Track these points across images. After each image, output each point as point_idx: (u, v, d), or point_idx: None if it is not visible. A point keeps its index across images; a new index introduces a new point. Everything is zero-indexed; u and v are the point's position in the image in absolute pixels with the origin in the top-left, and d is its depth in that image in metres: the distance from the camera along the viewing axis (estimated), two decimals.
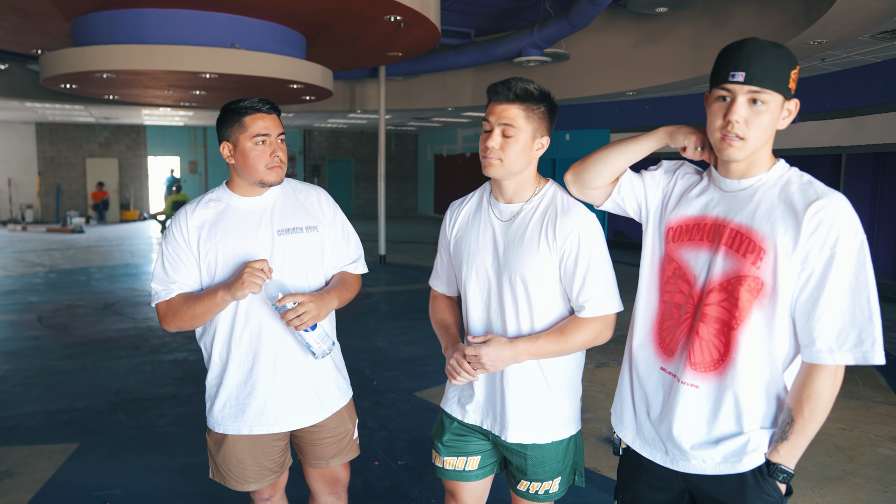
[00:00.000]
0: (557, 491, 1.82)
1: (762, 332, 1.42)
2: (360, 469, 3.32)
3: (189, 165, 20.26)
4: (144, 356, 5.35)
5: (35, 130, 18.19)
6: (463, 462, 1.87)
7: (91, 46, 6.85)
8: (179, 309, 1.87)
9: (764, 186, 1.45)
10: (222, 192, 1.96)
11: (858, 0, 5.25)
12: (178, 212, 1.94)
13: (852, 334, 1.34)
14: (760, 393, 1.44)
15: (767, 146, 1.45)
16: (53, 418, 4.02)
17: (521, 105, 1.67)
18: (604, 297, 1.69)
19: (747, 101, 1.38)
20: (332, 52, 8.79)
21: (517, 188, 1.76)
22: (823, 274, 1.35)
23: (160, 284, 1.91)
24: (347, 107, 13.86)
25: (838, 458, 3.51)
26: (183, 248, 1.90)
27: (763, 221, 1.41)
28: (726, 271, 1.44)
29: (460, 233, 1.86)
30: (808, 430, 1.39)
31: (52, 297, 7.88)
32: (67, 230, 15.92)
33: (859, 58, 7.87)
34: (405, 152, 22.62)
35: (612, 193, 1.67)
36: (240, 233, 1.88)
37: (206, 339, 1.99)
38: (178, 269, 1.90)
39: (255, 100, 1.87)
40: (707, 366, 1.47)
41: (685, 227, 1.54)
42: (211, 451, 2.03)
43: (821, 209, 1.35)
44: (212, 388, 2.00)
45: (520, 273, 1.70)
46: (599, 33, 10.22)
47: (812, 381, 1.38)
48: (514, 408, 1.76)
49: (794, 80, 1.41)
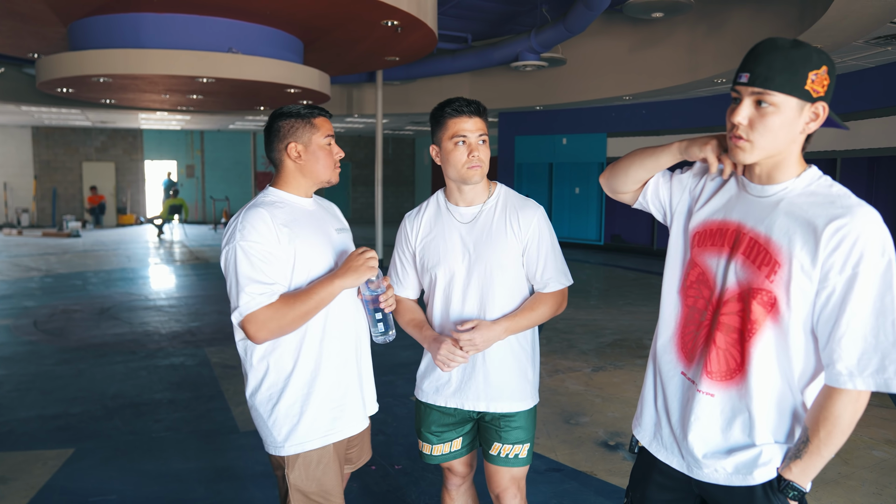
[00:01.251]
0: (525, 457, 2.07)
1: (776, 347, 1.38)
2: (357, 473, 3.32)
3: (186, 169, 20.25)
4: (140, 361, 5.34)
5: (31, 134, 18.17)
6: (448, 446, 2.11)
7: (88, 51, 6.85)
8: (288, 309, 1.72)
9: (790, 195, 1.39)
10: (279, 193, 1.92)
11: (852, 6, 5.28)
12: (253, 212, 1.79)
13: (875, 359, 1.28)
14: (773, 407, 1.41)
15: (793, 151, 1.38)
16: (48, 423, 4.00)
17: (482, 117, 1.95)
18: (562, 274, 2.00)
19: (753, 103, 1.34)
20: (329, 56, 8.80)
21: (479, 191, 2.00)
22: (845, 294, 1.28)
23: (259, 287, 1.71)
24: (345, 111, 13.87)
25: (833, 460, 3.51)
26: (275, 246, 1.76)
27: (782, 233, 1.36)
28: (741, 281, 1.41)
29: (426, 239, 2.05)
30: (824, 451, 1.34)
31: (47, 301, 7.87)
32: (63, 234, 15.90)
33: (854, 63, 7.91)
34: (402, 157, 22.65)
35: (639, 198, 1.69)
36: (313, 231, 1.89)
37: (285, 349, 1.82)
38: (275, 268, 1.76)
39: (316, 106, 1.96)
40: (723, 375, 1.44)
41: (709, 231, 1.51)
42: (302, 481, 1.83)
43: (844, 225, 1.28)
44: (294, 406, 1.82)
45: (492, 263, 1.95)
46: (596, 38, 10.26)
47: (831, 403, 1.32)
48: (496, 381, 1.99)
49: (820, 81, 1.32)
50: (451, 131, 1.92)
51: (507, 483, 2.09)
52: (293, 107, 1.91)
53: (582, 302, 7.83)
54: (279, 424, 1.83)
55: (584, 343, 5.99)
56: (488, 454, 2.08)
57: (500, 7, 9.49)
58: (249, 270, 1.72)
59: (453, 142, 1.92)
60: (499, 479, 2.08)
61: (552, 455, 3.55)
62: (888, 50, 7.19)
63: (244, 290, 1.71)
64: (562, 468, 3.40)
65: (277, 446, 1.84)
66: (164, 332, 6.36)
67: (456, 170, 1.94)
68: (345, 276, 1.78)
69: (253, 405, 1.87)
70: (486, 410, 2.02)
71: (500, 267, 1.95)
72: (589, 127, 12.88)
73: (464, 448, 2.13)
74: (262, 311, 1.70)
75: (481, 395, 2.00)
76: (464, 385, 2.02)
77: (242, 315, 1.71)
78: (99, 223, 18.52)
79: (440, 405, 2.07)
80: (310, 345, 1.83)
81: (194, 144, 20.23)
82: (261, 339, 1.73)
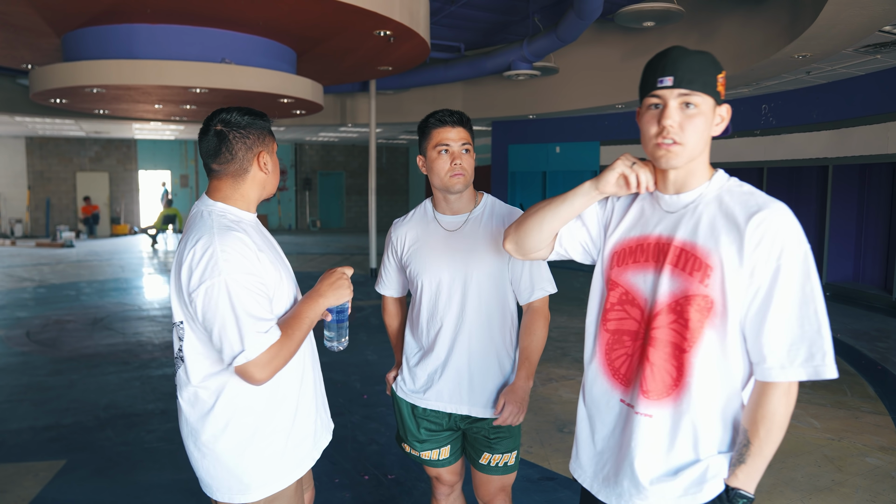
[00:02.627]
0: (513, 465, 2.10)
1: (716, 353, 1.35)
2: (350, 484, 3.31)
3: (180, 179, 20.24)
4: (133, 371, 5.32)
5: (25, 144, 18.14)
6: (437, 453, 2.13)
7: (81, 61, 6.86)
8: (287, 341, 1.57)
9: (705, 200, 1.39)
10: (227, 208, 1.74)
11: (840, 15, 5.33)
12: (231, 240, 1.56)
13: (803, 348, 1.28)
14: (717, 417, 1.37)
15: (704, 155, 1.40)
16: (40, 435, 3.98)
17: (466, 127, 1.98)
18: (546, 282, 2.05)
19: (679, 105, 1.35)
20: (322, 66, 8.83)
21: (466, 200, 2.04)
22: (770, 287, 1.29)
23: (263, 325, 1.52)
24: (338, 120, 13.90)
25: (827, 468, 3.52)
26: (259, 276, 1.59)
27: (707, 237, 1.35)
28: (674, 291, 1.37)
29: (412, 246, 2.08)
30: (766, 451, 1.32)
31: (40, 312, 7.83)
32: (57, 245, 15.84)
33: (844, 71, 7.98)
34: (396, 165, 22.68)
35: (555, 247, 1.61)
36: (275, 254, 1.78)
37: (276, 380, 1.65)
38: (266, 304, 1.59)
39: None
40: (660, 392, 1.39)
41: (628, 249, 1.48)
42: None
43: (764, 219, 1.30)
44: (275, 443, 1.67)
45: (477, 271, 1.98)
46: (588, 47, 10.33)
47: (766, 399, 1.31)
48: (485, 388, 2.02)
49: (722, 84, 1.38)
50: (435, 140, 1.96)
51: (496, 491, 2.11)
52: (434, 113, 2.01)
53: (576, 310, 7.84)
54: (252, 468, 1.65)
55: (577, 351, 5.99)
56: (478, 463, 2.10)
57: (493, 17, 9.55)
58: (252, 307, 1.52)
59: (437, 150, 1.96)
60: (489, 487, 2.10)
61: (545, 464, 3.54)
62: (877, 58, 7.26)
63: (248, 331, 1.50)
64: (555, 477, 3.39)
65: (244, 492, 1.65)
66: (158, 342, 6.33)
67: (440, 178, 1.96)
68: (328, 296, 1.66)
69: (213, 451, 1.65)
70: (468, 414, 2.04)
71: (485, 275, 1.99)
72: (582, 135, 12.94)
73: (451, 456, 2.15)
74: (269, 350, 1.53)
75: (464, 400, 2.04)
76: (453, 390, 2.04)
77: (248, 359, 1.50)
78: (93, 233, 18.46)
79: (430, 408, 2.09)
80: (295, 372, 1.72)
81: (188, 154, 20.22)
82: (264, 380, 1.54)
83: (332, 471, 3.44)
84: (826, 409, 4.45)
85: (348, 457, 3.63)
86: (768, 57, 7.00)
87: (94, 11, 6.28)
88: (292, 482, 1.72)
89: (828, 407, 4.48)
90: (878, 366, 5.58)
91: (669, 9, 6.61)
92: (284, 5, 5.91)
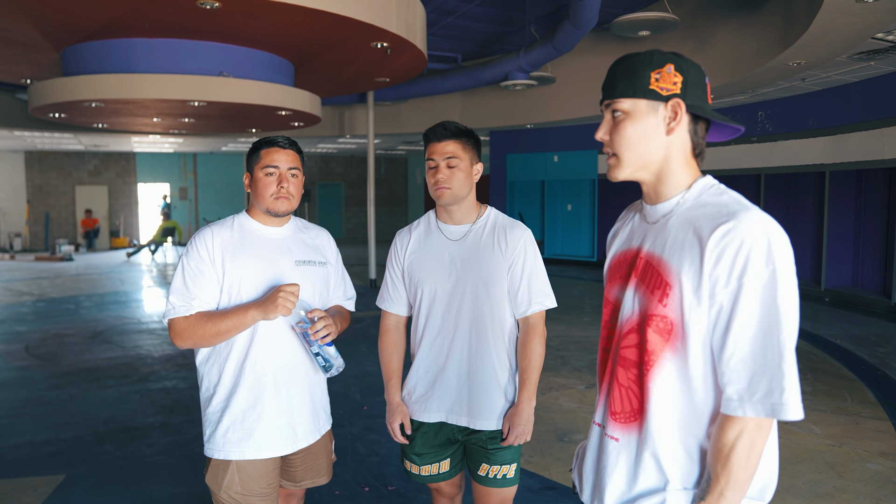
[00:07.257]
0: (513, 477, 2.08)
1: (676, 380, 1.23)
2: (350, 495, 3.30)
3: (179, 192, 20.26)
4: (133, 385, 5.31)
5: (24, 158, 18.18)
6: (437, 467, 2.13)
7: (80, 76, 6.89)
8: (200, 325, 1.87)
9: (680, 209, 1.27)
10: (241, 217, 2.05)
11: (834, 23, 5.38)
12: (203, 230, 1.97)
13: (763, 382, 1.12)
14: (679, 448, 1.24)
15: (673, 161, 1.28)
16: (39, 450, 3.97)
17: (456, 140, 1.99)
18: (545, 296, 2.04)
19: (609, 117, 1.30)
20: (320, 78, 8.87)
21: (465, 211, 2.06)
22: (731, 310, 1.14)
23: (179, 299, 1.90)
24: (336, 132, 13.95)
25: (828, 474, 3.51)
26: (207, 264, 1.92)
27: (671, 251, 1.23)
28: (640, 309, 1.27)
29: (414, 255, 2.10)
30: (727, 491, 1.15)
31: (39, 326, 7.82)
32: (56, 258, 15.84)
33: (839, 77, 8.02)
34: (395, 176, 22.73)
35: None
36: (264, 257, 1.97)
37: (213, 362, 1.96)
38: (199, 286, 1.91)
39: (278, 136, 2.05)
40: (626, 416, 1.29)
41: (615, 263, 1.41)
42: (211, 483, 1.94)
43: (728, 232, 1.15)
44: (214, 413, 1.95)
45: (479, 280, 1.99)
46: (584, 56, 10.39)
47: (723, 433, 1.16)
48: (482, 399, 2.02)
49: (668, 79, 1.24)
50: (427, 155, 2.02)
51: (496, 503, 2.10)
52: (266, 137, 2.05)
53: (575, 319, 7.84)
54: (206, 425, 1.99)
55: (577, 360, 5.99)
56: (477, 475, 2.09)
57: (489, 27, 9.61)
58: (178, 283, 1.92)
59: (427, 165, 2.01)
60: (488, 500, 2.09)
61: (546, 473, 3.54)
62: (871, 65, 7.31)
63: (169, 299, 1.92)
64: (556, 486, 3.38)
65: (204, 443, 1.99)
66: (157, 355, 6.33)
67: (431, 192, 2.01)
68: (257, 309, 1.85)
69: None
70: (466, 426, 2.04)
71: (485, 284, 1.99)
72: (580, 144, 12.98)
73: (452, 469, 2.15)
74: (179, 320, 1.89)
75: (464, 412, 2.04)
76: (454, 403, 2.05)
77: (164, 320, 1.93)
78: (92, 247, 18.48)
79: (426, 421, 2.09)
80: (232, 364, 1.94)
81: (187, 167, 20.26)
82: (179, 345, 1.91)
83: (333, 482, 3.43)
84: (826, 414, 4.44)
85: (349, 468, 3.62)
86: (763, 64, 7.04)
87: (92, 26, 6.32)
88: (221, 458, 1.93)
89: (828, 413, 4.48)
90: (877, 371, 5.58)
91: (665, 18, 6.66)
92: (282, 19, 5.95)
